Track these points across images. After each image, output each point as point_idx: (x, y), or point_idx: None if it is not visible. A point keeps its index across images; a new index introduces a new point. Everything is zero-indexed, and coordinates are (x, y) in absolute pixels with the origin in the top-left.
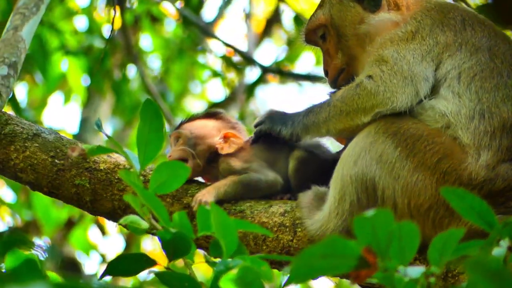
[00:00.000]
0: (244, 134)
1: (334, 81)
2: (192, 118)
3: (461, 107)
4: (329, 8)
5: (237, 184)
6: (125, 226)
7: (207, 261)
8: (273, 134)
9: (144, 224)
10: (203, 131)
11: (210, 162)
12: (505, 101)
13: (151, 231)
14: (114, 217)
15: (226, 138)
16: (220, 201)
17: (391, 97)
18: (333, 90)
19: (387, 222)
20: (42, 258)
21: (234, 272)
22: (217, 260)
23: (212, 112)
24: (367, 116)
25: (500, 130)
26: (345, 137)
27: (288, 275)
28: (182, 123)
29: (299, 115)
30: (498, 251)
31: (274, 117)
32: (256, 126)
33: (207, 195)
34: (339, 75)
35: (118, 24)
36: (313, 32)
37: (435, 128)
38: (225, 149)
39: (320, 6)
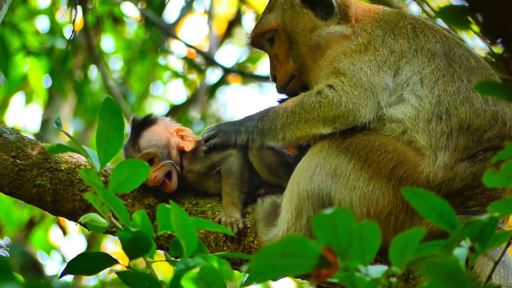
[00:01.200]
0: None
1: (283, 86)
2: (136, 135)
3: (420, 110)
4: (281, 13)
5: (236, 184)
6: (84, 225)
7: (168, 260)
8: (229, 145)
9: (104, 223)
10: (163, 140)
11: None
12: (464, 103)
13: (111, 229)
14: (75, 218)
15: (179, 135)
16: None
17: (354, 109)
18: (282, 97)
19: (347, 221)
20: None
21: (195, 271)
22: (178, 259)
23: (147, 119)
24: (327, 127)
25: (457, 130)
26: (301, 144)
27: (248, 274)
28: (134, 144)
29: (252, 119)
30: (459, 251)
31: (225, 128)
32: (207, 140)
33: (231, 215)
34: (289, 81)
35: (79, 25)
36: (261, 36)
37: (388, 136)
38: (188, 145)
39: (269, 9)
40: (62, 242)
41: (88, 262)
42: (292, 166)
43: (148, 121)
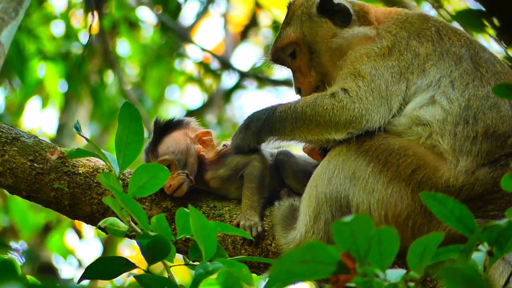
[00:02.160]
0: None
1: None
2: (157, 139)
3: (449, 113)
4: (300, 25)
5: (256, 189)
6: (103, 229)
7: (187, 264)
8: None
9: (124, 227)
10: (182, 146)
11: (198, 172)
12: (492, 108)
13: (130, 233)
14: (92, 221)
15: (201, 141)
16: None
17: (366, 115)
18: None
19: (366, 227)
20: (19, 262)
21: (214, 276)
22: (197, 263)
23: (169, 123)
24: (339, 132)
25: (482, 135)
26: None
27: (267, 279)
28: (153, 149)
29: (258, 119)
30: (477, 255)
31: (240, 130)
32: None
33: (250, 218)
34: (314, 92)
35: (95, 29)
36: (282, 51)
37: (409, 140)
38: (209, 152)
39: (287, 23)
40: (78, 246)
41: (106, 266)
42: None
43: (170, 125)
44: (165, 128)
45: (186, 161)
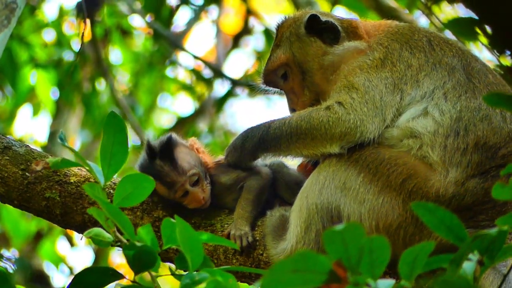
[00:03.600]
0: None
1: None
2: (168, 159)
3: (440, 125)
4: (289, 46)
5: (252, 201)
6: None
7: (173, 274)
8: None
9: (109, 237)
10: (196, 158)
11: None
12: (483, 120)
13: (115, 244)
14: (84, 230)
15: (198, 150)
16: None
17: (361, 126)
18: None
19: (358, 236)
20: (10, 271)
21: (202, 286)
22: (184, 273)
23: (171, 141)
24: (334, 145)
25: (472, 147)
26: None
27: None
28: (174, 168)
29: (253, 136)
30: (468, 265)
31: (235, 145)
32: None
33: (240, 228)
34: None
35: (88, 37)
36: (273, 73)
37: (398, 151)
38: (208, 159)
39: (277, 45)
40: (70, 253)
41: (94, 276)
42: None
43: (173, 142)
44: (170, 147)
45: (204, 171)
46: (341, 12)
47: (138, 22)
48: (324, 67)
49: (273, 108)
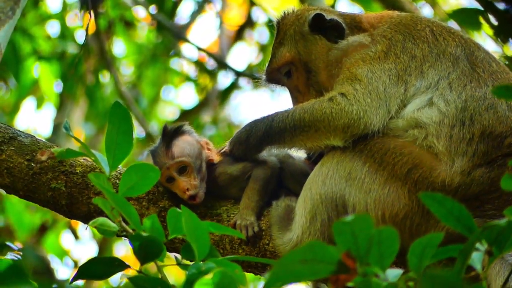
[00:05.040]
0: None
1: None
2: (169, 142)
3: (446, 115)
4: (294, 45)
5: (258, 191)
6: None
7: (179, 264)
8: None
9: (114, 227)
10: (196, 150)
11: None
12: (489, 109)
13: (121, 233)
14: (89, 221)
15: (207, 148)
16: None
17: (364, 117)
18: None
19: (367, 227)
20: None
21: (208, 276)
22: (190, 263)
23: (180, 128)
24: (338, 138)
25: (478, 136)
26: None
27: (266, 279)
28: (166, 151)
29: (258, 129)
30: (476, 255)
31: (239, 139)
32: (231, 151)
33: (246, 217)
34: None
35: (91, 29)
36: (277, 71)
37: (403, 141)
38: (215, 157)
39: (280, 43)
40: (74, 246)
41: (99, 266)
42: None
43: (181, 130)
44: (177, 133)
45: (201, 165)
46: (344, 3)
47: (141, 13)
48: (329, 64)
49: (277, 99)
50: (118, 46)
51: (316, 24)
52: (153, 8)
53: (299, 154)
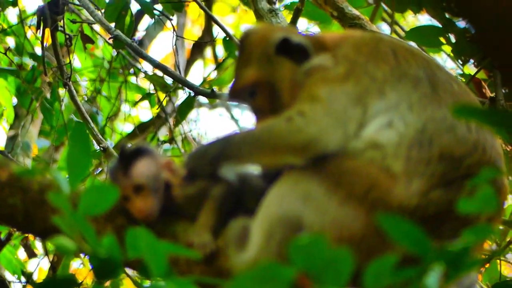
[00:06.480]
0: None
1: None
2: (128, 163)
3: (404, 137)
4: (259, 66)
5: (215, 210)
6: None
7: (136, 283)
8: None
9: (72, 246)
10: (154, 172)
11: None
12: (449, 130)
13: (79, 253)
14: (47, 237)
15: (168, 169)
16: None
17: (322, 138)
18: None
19: (322, 247)
20: None
21: None
22: (147, 282)
23: (139, 150)
24: (296, 156)
25: (437, 157)
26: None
27: None
28: (125, 172)
29: (216, 147)
30: (432, 277)
31: (194, 157)
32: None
33: (203, 236)
34: None
35: (49, 43)
36: (242, 91)
37: (361, 162)
38: (175, 179)
39: (245, 64)
40: (29, 260)
41: (54, 285)
42: None
43: (140, 151)
44: (136, 154)
45: (157, 186)
46: (303, 22)
47: (100, 28)
48: (293, 85)
49: (237, 117)
50: (77, 61)
51: (282, 47)
52: (111, 25)
53: (257, 172)
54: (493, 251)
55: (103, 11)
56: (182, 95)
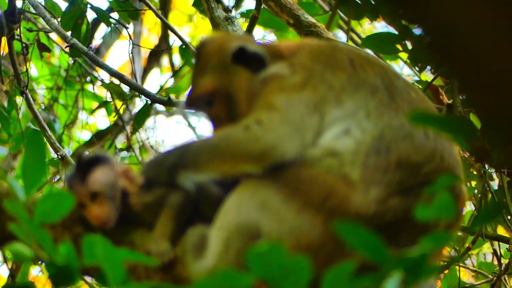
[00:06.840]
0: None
1: None
2: (85, 171)
3: (361, 144)
4: (215, 75)
5: (173, 218)
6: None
7: None
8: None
9: (29, 253)
10: (111, 180)
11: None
12: (406, 138)
13: (36, 260)
14: (4, 244)
15: (125, 177)
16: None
17: (279, 146)
18: None
19: (280, 255)
20: None
21: None
22: None
23: (96, 158)
24: (254, 165)
25: (394, 165)
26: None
27: None
28: (81, 180)
29: (173, 155)
30: (391, 284)
31: (150, 166)
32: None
33: (161, 244)
34: None
35: (5, 51)
36: (198, 99)
37: (318, 169)
38: (132, 188)
39: (202, 72)
40: None
41: None
42: None
43: (98, 159)
44: (93, 162)
45: (114, 194)
46: (260, 30)
47: (57, 37)
48: (250, 94)
49: (192, 123)
50: (33, 69)
51: (238, 56)
52: (68, 34)
53: (215, 180)
54: (452, 257)
55: (59, 19)
56: (139, 103)
